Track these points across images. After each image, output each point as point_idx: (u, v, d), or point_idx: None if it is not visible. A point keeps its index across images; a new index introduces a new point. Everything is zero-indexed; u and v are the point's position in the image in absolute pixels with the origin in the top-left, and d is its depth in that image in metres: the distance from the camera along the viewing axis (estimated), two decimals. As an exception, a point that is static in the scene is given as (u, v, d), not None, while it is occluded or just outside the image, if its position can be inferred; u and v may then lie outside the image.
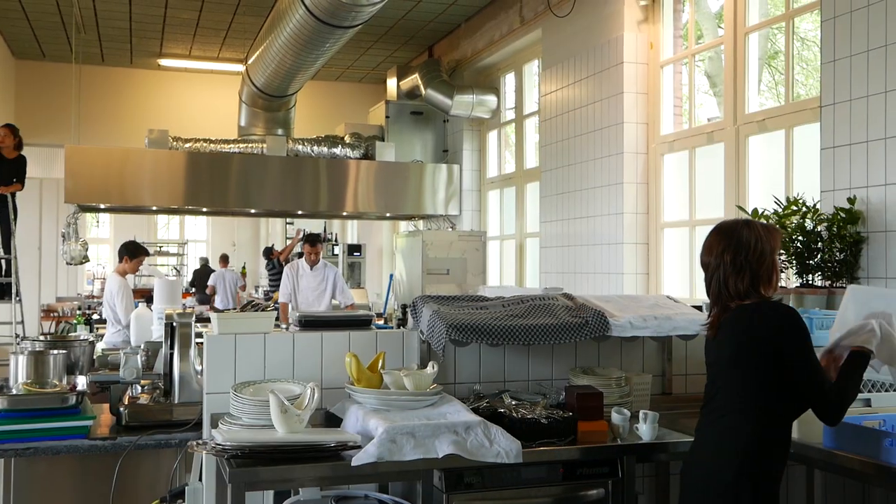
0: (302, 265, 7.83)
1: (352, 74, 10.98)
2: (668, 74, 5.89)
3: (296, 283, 7.69)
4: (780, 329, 2.39)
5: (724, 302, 2.51)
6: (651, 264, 5.88)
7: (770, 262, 2.48)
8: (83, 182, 7.66)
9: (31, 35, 9.25)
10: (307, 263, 7.76)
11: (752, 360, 2.41)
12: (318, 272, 7.69)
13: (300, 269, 7.81)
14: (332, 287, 7.69)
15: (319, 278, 7.66)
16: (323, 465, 2.53)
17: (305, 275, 7.70)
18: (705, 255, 2.57)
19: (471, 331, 2.98)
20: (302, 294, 7.62)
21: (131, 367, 3.33)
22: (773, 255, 2.49)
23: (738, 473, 2.37)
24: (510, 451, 2.60)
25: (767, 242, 2.48)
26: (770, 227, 2.58)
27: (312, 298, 7.58)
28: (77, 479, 3.25)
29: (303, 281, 7.67)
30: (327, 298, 7.64)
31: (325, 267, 7.81)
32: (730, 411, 2.44)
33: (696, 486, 2.49)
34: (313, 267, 7.68)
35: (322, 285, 7.65)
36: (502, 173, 8.50)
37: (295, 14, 5.93)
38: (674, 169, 5.81)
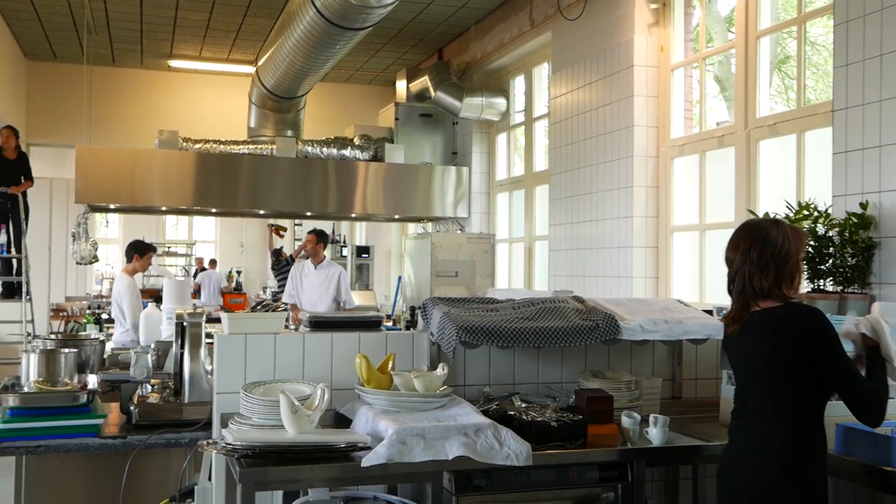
0: (307, 265, 7.81)
1: (361, 76, 10.99)
2: (678, 78, 5.88)
3: (299, 282, 7.68)
4: (808, 331, 2.40)
5: (747, 298, 2.52)
6: (660, 268, 5.86)
7: (794, 262, 2.49)
8: (93, 182, 7.69)
9: (42, 36, 9.29)
10: (312, 263, 7.74)
11: (783, 364, 2.42)
12: (323, 271, 7.66)
13: (305, 268, 7.79)
14: (336, 287, 7.64)
15: (323, 277, 7.63)
16: (332, 466, 2.53)
17: (310, 274, 7.68)
18: (731, 250, 2.58)
19: (481, 333, 2.98)
20: (305, 293, 7.58)
21: (142, 367, 3.34)
22: (798, 255, 2.51)
23: (785, 478, 2.37)
24: (520, 453, 2.59)
25: (794, 243, 2.50)
26: (797, 228, 2.59)
27: (316, 297, 7.54)
28: (87, 477, 3.26)
29: (307, 280, 7.65)
30: (330, 297, 7.57)
31: (329, 266, 7.79)
32: (765, 416, 2.45)
33: (739, 494, 2.48)
34: (318, 266, 7.67)
35: (325, 284, 7.61)
36: (511, 176, 8.49)
37: (305, 16, 5.94)
38: (684, 173, 5.80)
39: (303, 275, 7.68)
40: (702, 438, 2.90)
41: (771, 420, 2.44)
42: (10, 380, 3.43)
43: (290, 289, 7.74)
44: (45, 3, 8.19)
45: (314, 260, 7.68)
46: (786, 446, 2.40)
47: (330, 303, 7.51)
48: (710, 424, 3.11)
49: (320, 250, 7.66)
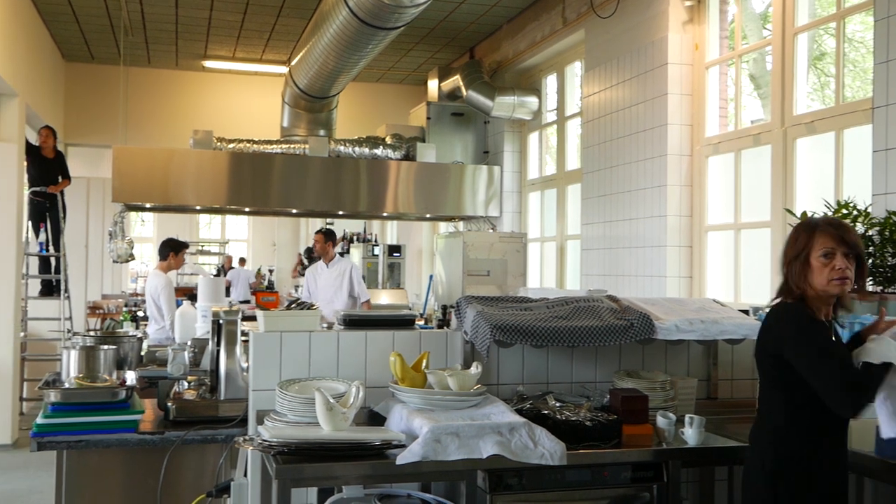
0: (319, 265, 7.85)
1: (393, 76, 11.02)
2: (713, 76, 5.82)
3: (314, 283, 7.73)
4: (772, 328, 2.51)
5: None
6: (694, 268, 5.81)
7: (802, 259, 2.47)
8: (130, 182, 7.79)
9: (80, 38, 9.44)
10: (323, 262, 7.78)
11: (762, 361, 2.56)
12: (335, 268, 7.69)
13: (318, 268, 7.84)
14: (350, 283, 7.66)
15: (336, 273, 7.66)
16: (367, 464, 2.54)
17: (322, 273, 7.72)
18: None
19: (515, 332, 2.98)
20: (321, 292, 7.61)
21: (179, 364, 3.38)
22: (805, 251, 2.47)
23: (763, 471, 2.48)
24: (554, 452, 2.59)
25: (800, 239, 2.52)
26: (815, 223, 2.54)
27: (331, 294, 7.56)
28: (125, 472, 3.30)
29: (321, 279, 7.70)
30: (344, 294, 7.59)
31: (340, 263, 7.82)
32: (758, 410, 2.60)
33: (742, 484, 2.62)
34: (329, 264, 7.70)
35: (338, 280, 7.64)
36: (543, 175, 8.46)
37: (338, 16, 5.97)
38: (718, 171, 5.74)
39: (316, 275, 7.74)
40: (738, 440, 2.87)
41: (759, 416, 2.57)
42: (50, 375, 3.49)
43: (306, 291, 7.78)
44: (83, 5, 8.31)
45: (325, 259, 7.72)
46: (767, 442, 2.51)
47: (346, 299, 7.55)
48: (747, 425, 3.05)
49: (330, 248, 7.70)
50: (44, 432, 3.05)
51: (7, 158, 7.65)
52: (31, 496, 6.05)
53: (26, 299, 8.59)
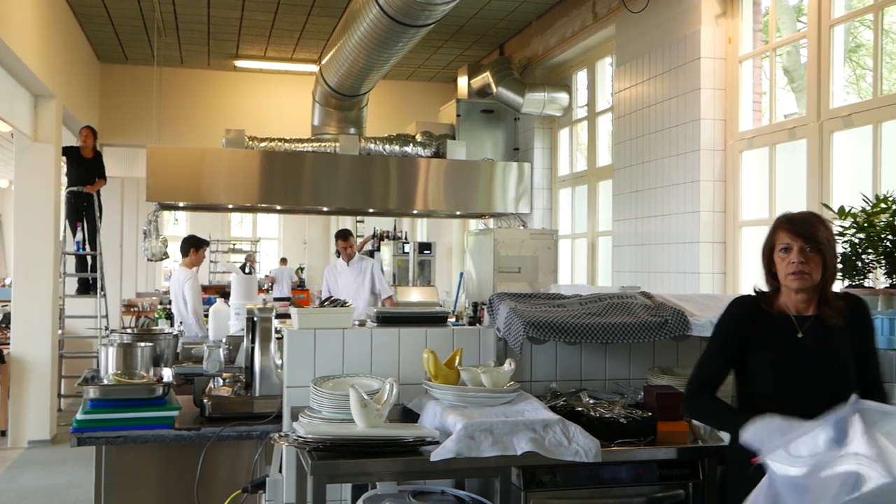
0: (339, 263, 7.90)
1: (422, 73, 11.03)
2: (747, 69, 5.75)
3: (334, 282, 7.77)
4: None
5: None
6: (728, 263, 5.75)
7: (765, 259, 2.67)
8: (163, 181, 7.88)
9: (115, 39, 9.56)
10: (343, 260, 7.82)
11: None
12: (355, 266, 7.73)
13: (338, 267, 7.88)
14: (371, 280, 7.71)
15: (356, 272, 7.70)
16: (401, 460, 2.55)
17: (343, 271, 7.76)
18: None
19: (548, 328, 2.97)
20: (342, 291, 7.66)
21: (214, 360, 3.42)
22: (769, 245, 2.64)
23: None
24: (589, 449, 2.58)
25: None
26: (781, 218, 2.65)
27: (353, 292, 7.61)
28: (162, 468, 3.35)
29: (341, 278, 7.74)
30: (366, 291, 7.64)
31: (360, 261, 7.86)
32: None
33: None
34: (349, 262, 7.74)
35: (360, 279, 7.69)
36: (574, 171, 8.43)
37: (369, 14, 5.99)
38: (753, 166, 5.67)
39: (336, 274, 7.78)
40: (775, 437, 2.83)
41: None
42: (89, 372, 3.55)
43: (326, 290, 7.82)
44: (118, 7, 8.42)
45: (345, 257, 7.77)
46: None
47: (368, 296, 7.59)
48: (784, 423, 3.04)
49: (352, 248, 7.76)
50: (83, 428, 3.10)
51: (45, 159, 7.79)
52: (70, 491, 6.16)
53: (63, 297, 8.74)
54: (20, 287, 7.67)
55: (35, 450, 7.44)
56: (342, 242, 7.74)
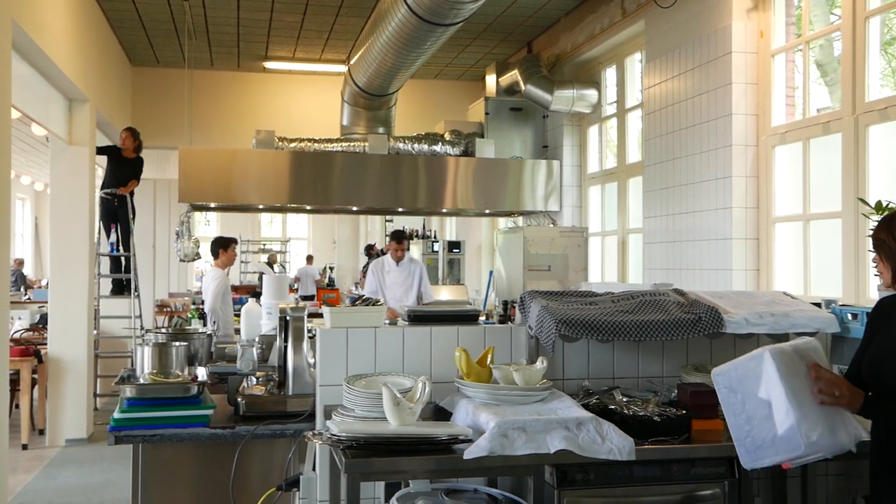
0: (387, 261, 7.94)
1: (450, 72, 11.04)
2: (779, 63, 5.68)
3: (382, 279, 7.81)
4: None
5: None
6: (762, 260, 5.68)
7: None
8: (195, 182, 7.95)
9: (146, 43, 9.68)
10: (392, 259, 7.86)
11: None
12: (404, 268, 7.79)
13: (385, 265, 7.92)
14: (418, 282, 7.77)
15: (406, 274, 7.75)
16: (434, 458, 2.56)
17: (392, 271, 7.80)
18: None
19: (580, 326, 2.96)
20: (389, 290, 7.72)
21: (248, 360, 3.45)
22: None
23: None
24: (623, 448, 2.57)
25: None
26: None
27: (400, 294, 7.67)
28: (197, 466, 3.39)
29: (389, 277, 7.78)
30: (414, 293, 7.71)
31: (410, 262, 7.91)
32: None
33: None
34: (399, 263, 7.78)
35: (408, 280, 7.75)
36: (603, 168, 8.38)
37: (397, 13, 6.00)
38: (785, 161, 5.60)
39: (385, 272, 7.82)
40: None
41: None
42: (126, 371, 3.59)
43: (372, 285, 7.88)
44: (149, 10, 8.52)
45: (395, 258, 7.81)
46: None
47: (414, 298, 7.64)
48: (821, 421, 3.00)
49: (403, 249, 7.81)
50: (121, 426, 3.15)
51: (79, 162, 7.91)
52: (107, 489, 6.25)
53: (98, 298, 8.86)
54: (56, 288, 7.80)
55: (72, 448, 7.56)
56: (396, 244, 7.80)
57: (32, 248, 22.26)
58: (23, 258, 19.24)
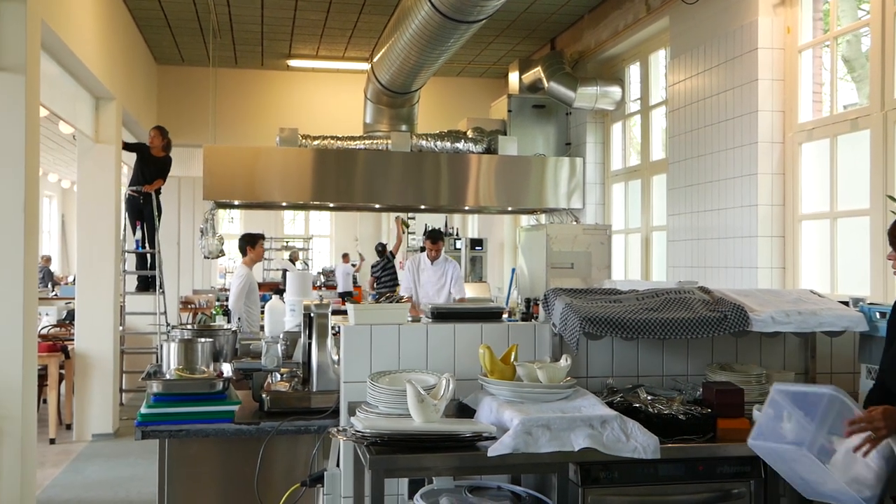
0: (423, 260, 7.99)
1: (473, 70, 11.03)
2: (806, 59, 5.62)
3: (416, 277, 7.85)
4: None
5: None
6: (788, 258, 5.63)
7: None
8: (219, 180, 8.01)
9: (172, 41, 9.76)
10: (428, 258, 7.90)
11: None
12: (439, 267, 7.83)
13: (421, 263, 7.97)
14: (451, 282, 7.82)
15: (440, 273, 7.80)
16: (458, 455, 2.56)
17: (426, 269, 7.85)
18: None
19: (604, 324, 2.94)
20: (423, 288, 7.79)
21: (272, 356, 3.47)
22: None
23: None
24: (647, 446, 2.56)
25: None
26: None
27: (433, 292, 7.73)
28: (222, 461, 3.41)
29: (423, 275, 7.83)
30: (447, 292, 7.77)
31: (445, 262, 7.95)
32: None
33: None
34: (434, 262, 7.82)
35: (442, 280, 7.80)
36: (627, 166, 8.34)
37: (420, 11, 6.01)
38: (812, 158, 5.55)
39: (420, 270, 7.86)
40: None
41: None
42: (152, 367, 3.63)
43: (407, 282, 7.94)
44: (175, 10, 8.59)
45: (430, 255, 7.85)
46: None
47: (448, 296, 7.70)
48: (848, 421, 2.97)
49: (438, 249, 7.87)
50: (147, 421, 3.18)
51: (106, 159, 7.98)
52: (132, 483, 6.31)
53: (124, 295, 8.95)
54: (83, 285, 7.88)
55: (99, 443, 7.64)
56: (430, 244, 7.87)
57: (59, 245, 22.53)
58: (50, 255, 19.48)
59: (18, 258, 4.72)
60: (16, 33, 4.72)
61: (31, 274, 4.87)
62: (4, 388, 4.65)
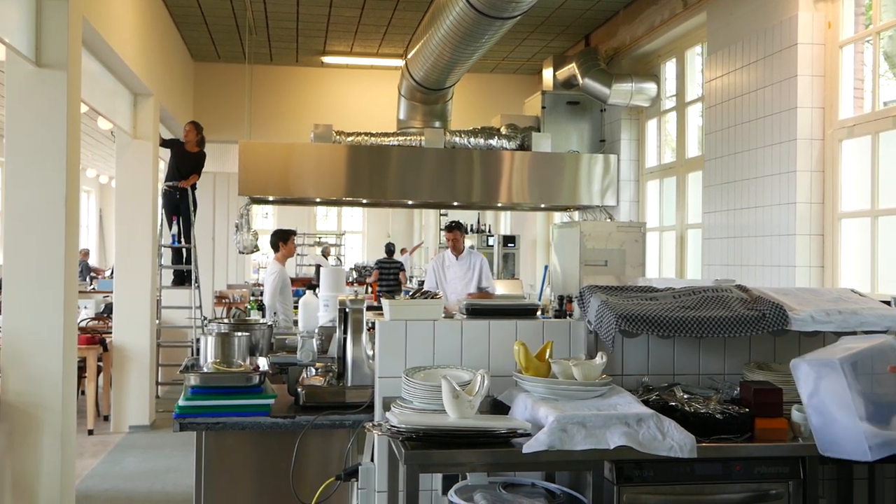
0: (447, 256, 7.96)
1: (507, 66, 11.00)
2: (847, 55, 5.53)
3: (441, 274, 7.83)
4: None
5: None
6: (826, 257, 5.55)
7: None
8: (254, 175, 8.08)
9: (208, 39, 9.86)
10: (452, 253, 7.87)
11: None
12: (465, 260, 7.79)
13: (446, 259, 7.94)
14: (479, 275, 7.77)
15: (466, 266, 7.76)
16: (493, 451, 2.55)
17: (452, 265, 7.82)
18: None
19: (641, 322, 2.92)
20: (450, 284, 7.74)
21: (308, 350, 3.49)
22: None
23: None
24: (684, 445, 2.53)
25: None
26: None
27: (461, 287, 7.69)
28: (258, 454, 3.44)
29: (450, 271, 7.80)
30: (474, 286, 7.72)
31: (470, 255, 7.91)
32: None
33: None
34: (459, 256, 7.78)
35: (469, 273, 7.76)
36: (662, 163, 8.27)
37: (455, 7, 6.00)
38: (853, 155, 5.45)
39: (445, 266, 7.84)
40: (881, 437, 2.72)
41: None
42: (189, 360, 3.67)
43: (431, 281, 7.91)
44: (211, 7, 8.68)
45: (454, 251, 7.82)
46: None
47: (475, 291, 7.66)
48: (890, 422, 2.92)
49: (456, 238, 7.82)
50: (185, 414, 3.22)
51: (144, 155, 8.10)
52: (168, 474, 6.40)
53: (160, 289, 9.07)
54: (121, 279, 8.00)
55: (135, 434, 7.76)
56: (450, 234, 7.83)
57: (97, 239, 22.89)
58: (88, 249, 19.80)
59: (59, 252, 4.81)
60: (58, 31, 4.80)
61: (71, 267, 4.96)
62: (46, 379, 4.74)
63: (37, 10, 4.77)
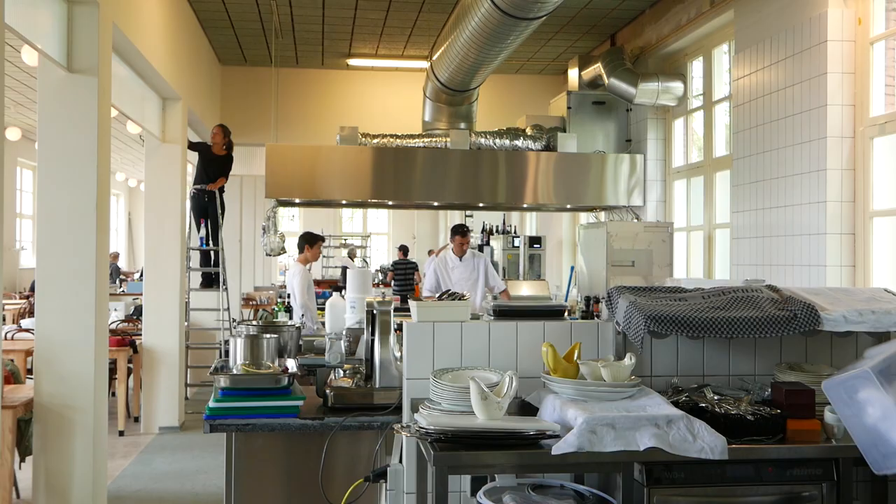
0: (450, 257, 7.97)
1: (532, 66, 10.98)
2: (879, 51, 5.45)
3: (445, 276, 7.83)
4: None
5: None
6: (858, 256, 5.47)
7: None
8: (281, 178, 8.13)
9: (235, 42, 9.94)
10: (455, 255, 7.88)
11: None
12: (468, 262, 7.83)
13: (448, 261, 7.94)
14: (484, 275, 7.80)
15: (470, 268, 7.79)
16: (521, 453, 2.55)
17: (456, 267, 7.83)
18: None
19: (670, 322, 2.90)
20: (455, 286, 7.73)
21: (336, 352, 3.51)
22: None
23: None
24: (715, 446, 2.51)
25: None
26: None
27: (467, 288, 7.68)
28: (287, 455, 3.47)
29: (454, 273, 7.81)
30: (480, 287, 7.75)
31: (473, 256, 7.93)
32: None
33: None
34: (462, 258, 7.80)
35: (474, 275, 7.78)
36: (689, 162, 8.20)
37: (480, 8, 6.00)
38: (885, 153, 5.38)
39: (448, 268, 7.85)
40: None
41: None
42: (219, 362, 3.70)
43: (430, 284, 7.92)
44: (238, 11, 8.75)
45: (459, 252, 7.84)
46: None
47: (482, 291, 7.67)
48: (926, 424, 2.87)
49: (467, 243, 7.86)
50: (215, 415, 3.24)
51: (172, 159, 8.19)
52: (198, 475, 6.46)
53: (189, 291, 9.16)
54: (150, 281, 8.09)
55: (165, 436, 7.84)
56: (460, 238, 7.85)
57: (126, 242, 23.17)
58: (117, 252, 20.04)
59: (91, 255, 4.87)
60: (88, 36, 4.87)
61: (102, 270, 5.02)
62: (77, 380, 4.81)
63: (68, 17, 4.84)
